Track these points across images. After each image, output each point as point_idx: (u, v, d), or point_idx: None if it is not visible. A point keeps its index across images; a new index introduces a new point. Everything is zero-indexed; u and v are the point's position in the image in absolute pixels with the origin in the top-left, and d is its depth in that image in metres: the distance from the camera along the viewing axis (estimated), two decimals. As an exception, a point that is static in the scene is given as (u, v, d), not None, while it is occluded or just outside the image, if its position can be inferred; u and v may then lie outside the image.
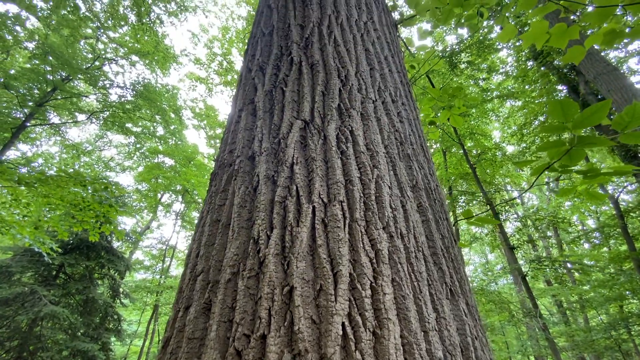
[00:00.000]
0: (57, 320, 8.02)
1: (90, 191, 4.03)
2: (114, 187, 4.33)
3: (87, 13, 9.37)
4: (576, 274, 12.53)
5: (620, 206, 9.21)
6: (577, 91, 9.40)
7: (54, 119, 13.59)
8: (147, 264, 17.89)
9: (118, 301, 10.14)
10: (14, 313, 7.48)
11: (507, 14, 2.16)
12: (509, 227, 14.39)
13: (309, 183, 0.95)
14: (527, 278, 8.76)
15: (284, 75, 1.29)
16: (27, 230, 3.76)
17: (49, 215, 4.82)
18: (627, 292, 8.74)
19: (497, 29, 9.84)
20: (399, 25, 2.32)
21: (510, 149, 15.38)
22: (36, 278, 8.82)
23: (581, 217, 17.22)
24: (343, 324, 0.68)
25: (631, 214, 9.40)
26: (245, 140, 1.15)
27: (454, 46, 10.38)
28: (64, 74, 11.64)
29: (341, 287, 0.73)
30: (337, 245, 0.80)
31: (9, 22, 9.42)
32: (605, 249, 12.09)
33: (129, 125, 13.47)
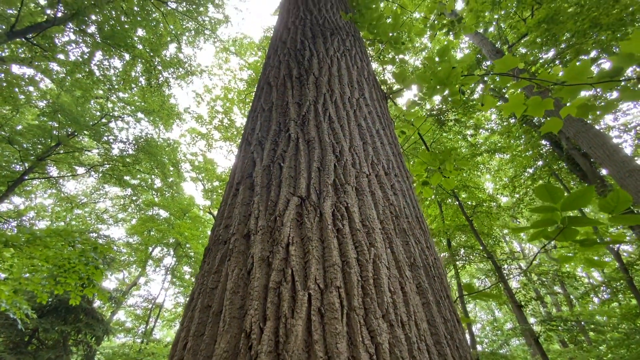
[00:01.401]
0: (20, 397, 7.09)
1: (79, 247, 3.88)
2: (105, 244, 4.18)
3: (100, 77, 10.10)
4: (591, 333, 11.73)
5: (622, 257, 9.04)
6: (560, 146, 9.89)
7: (53, 172, 13.70)
8: (129, 325, 16.50)
9: (92, 372, 9.10)
10: (-27, 389, 6.63)
11: (488, 85, 2.38)
12: (514, 282, 13.85)
13: (304, 265, 0.93)
14: (540, 339, 8.16)
15: (282, 151, 1.35)
16: (5, 294, 3.52)
17: (28, 275, 4.56)
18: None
19: (480, 87, 10.70)
20: (388, 98, 2.52)
21: (504, 199, 15.57)
22: (7, 344, 8.02)
23: (585, 269, 16.75)
24: None
25: (634, 266, 9.18)
26: (241, 217, 1.15)
27: (441, 105, 11.15)
28: (69, 130, 12.08)
29: (339, 393, 0.67)
30: (335, 340, 0.75)
31: (22, 82, 10.07)
32: (615, 304, 11.53)
33: (127, 177, 13.59)
